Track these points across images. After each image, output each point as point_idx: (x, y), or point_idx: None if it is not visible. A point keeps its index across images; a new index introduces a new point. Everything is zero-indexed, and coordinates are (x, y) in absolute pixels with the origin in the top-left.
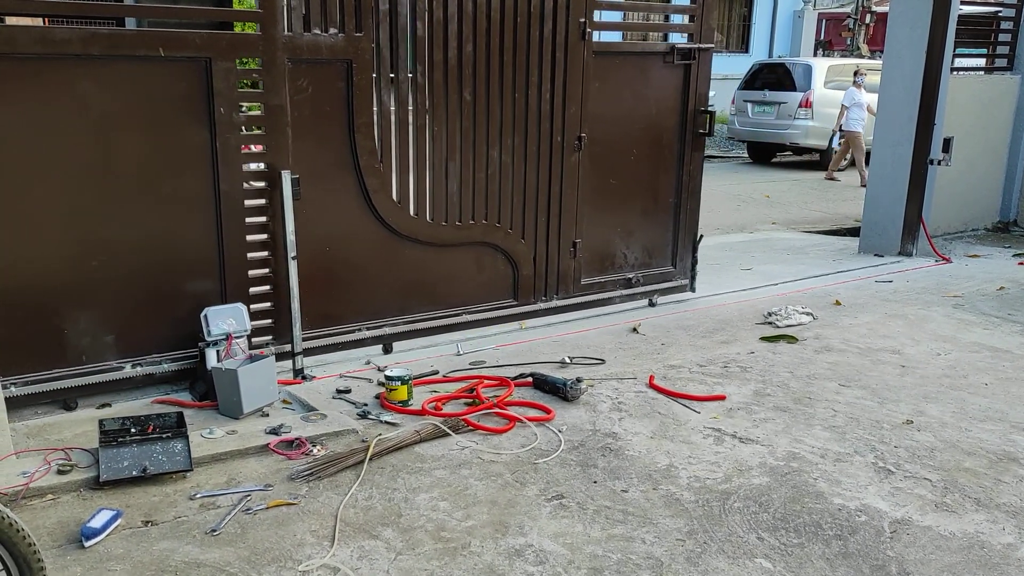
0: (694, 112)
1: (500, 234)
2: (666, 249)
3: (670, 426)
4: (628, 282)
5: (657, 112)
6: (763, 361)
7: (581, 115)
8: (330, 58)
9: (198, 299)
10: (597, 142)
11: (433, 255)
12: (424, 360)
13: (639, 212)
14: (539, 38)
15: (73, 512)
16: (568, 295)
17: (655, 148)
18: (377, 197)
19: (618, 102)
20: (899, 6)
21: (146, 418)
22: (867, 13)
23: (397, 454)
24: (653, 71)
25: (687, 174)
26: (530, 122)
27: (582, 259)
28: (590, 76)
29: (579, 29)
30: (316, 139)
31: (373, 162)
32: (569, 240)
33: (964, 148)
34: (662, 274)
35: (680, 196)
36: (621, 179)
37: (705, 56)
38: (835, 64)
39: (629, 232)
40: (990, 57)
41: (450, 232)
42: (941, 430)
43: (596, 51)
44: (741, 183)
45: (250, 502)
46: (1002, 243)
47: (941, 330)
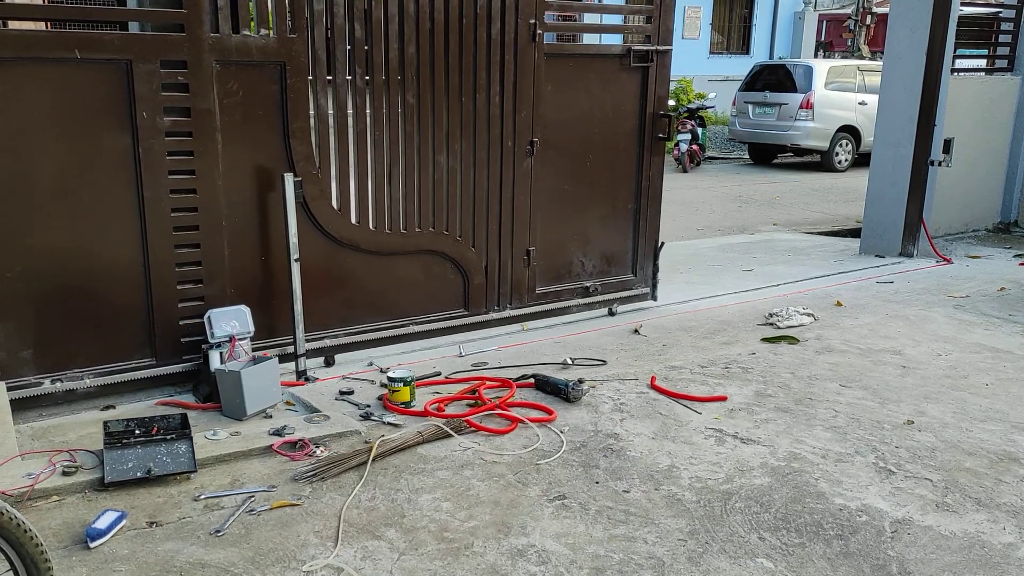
0: (653, 116)
1: (448, 242)
2: (626, 257)
3: (672, 427)
4: (586, 291)
5: (614, 116)
6: (764, 362)
7: (533, 119)
8: (262, 60)
9: (122, 311)
10: (551, 146)
11: (377, 264)
12: (426, 361)
13: (597, 219)
14: (487, 40)
15: (78, 513)
16: (522, 304)
17: (612, 153)
18: (315, 204)
19: (573, 105)
20: (899, 7)
21: (150, 420)
22: (868, 14)
23: (400, 455)
24: (609, 74)
25: (647, 179)
26: (479, 126)
27: (536, 267)
28: (542, 79)
29: (529, 30)
30: (248, 145)
31: (310, 168)
32: (522, 248)
33: (965, 149)
34: (622, 282)
35: (640, 202)
36: (577, 185)
37: (663, 58)
38: (836, 65)
39: (586, 239)
40: (990, 58)
41: (395, 240)
42: (942, 430)
43: (548, 53)
44: (742, 184)
45: (254, 503)
46: (1003, 244)
47: (942, 331)
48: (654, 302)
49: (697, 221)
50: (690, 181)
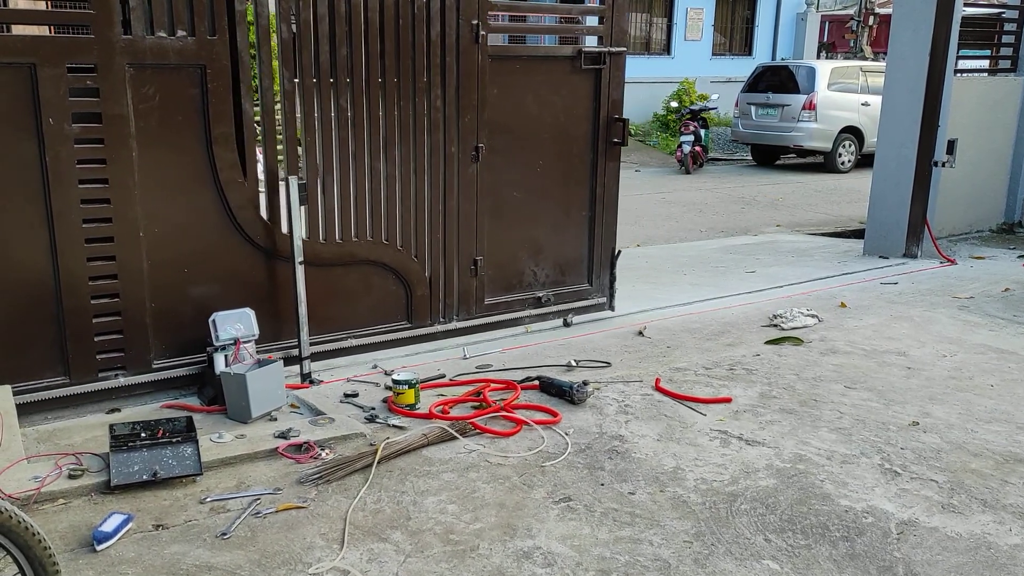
0: (607, 120)
1: (389, 252)
2: (581, 266)
3: (676, 428)
4: (538, 301)
5: (566, 120)
6: (769, 363)
7: (478, 123)
8: (180, 63)
9: (31, 328)
10: (498, 152)
11: (311, 275)
12: (431, 364)
13: (549, 227)
14: (426, 41)
15: (84, 516)
16: (470, 316)
17: (564, 159)
18: (242, 214)
19: (521, 109)
20: (902, 8)
21: (156, 423)
22: (870, 15)
23: (405, 457)
24: (559, 76)
25: (601, 186)
26: (419, 132)
27: (485, 277)
28: (487, 82)
29: (472, 32)
30: (167, 152)
31: (236, 176)
32: (469, 258)
33: (968, 150)
34: (577, 292)
35: (594, 209)
36: (527, 192)
37: (617, 60)
38: (839, 66)
39: (538, 248)
40: (993, 59)
41: (330, 250)
42: (947, 431)
43: (493, 55)
44: (745, 186)
45: (260, 506)
46: (1007, 244)
47: (947, 332)
48: (611, 312)
49: (700, 223)
50: (693, 183)
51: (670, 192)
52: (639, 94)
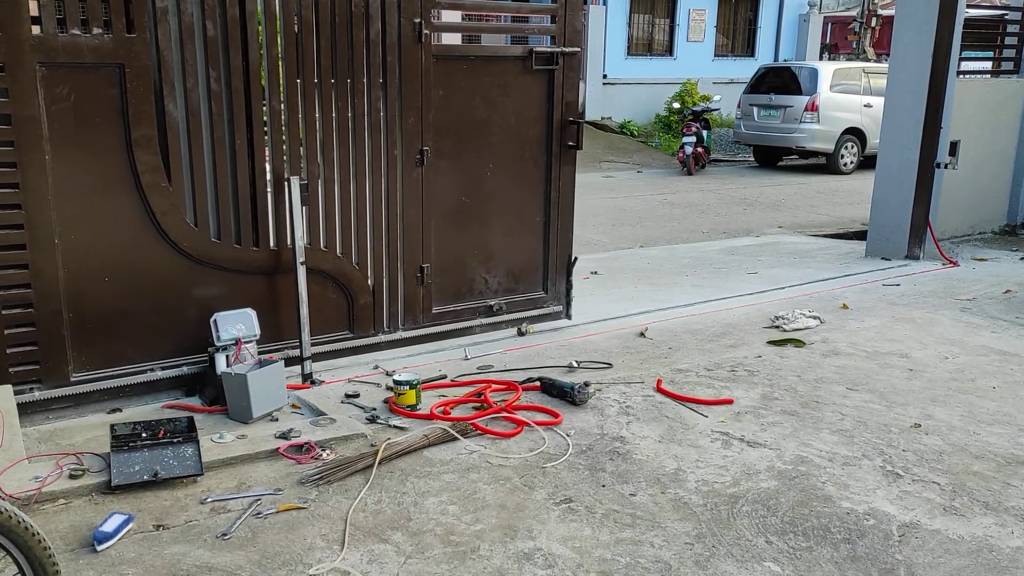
0: (562, 123)
1: (328, 259)
2: (535, 273)
3: (678, 430)
4: (490, 310)
5: (517, 123)
6: (770, 365)
7: (423, 126)
8: (96, 62)
9: None
10: (445, 156)
11: (243, 284)
12: (432, 364)
13: (501, 233)
14: (365, 40)
15: (85, 516)
16: (417, 325)
17: (517, 162)
18: (167, 219)
19: (469, 112)
20: (905, 10)
21: (157, 423)
22: (873, 16)
23: (406, 458)
24: (510, 77)
25: (556, 190)
26: (358, 134)
27: (432, 286)
28: (432, 83)
29: (414, 30)
30: (85, 155)
31: (159, 180)
32: (415, 265)
33: (971, 151)
34: (531, 300)
35: (549, 215)
36: (477, 197)
37: (571, 61)
38: (841, 68)
39: (489, 255)
40: (996, 60)
41: (263, 257)
42: (949, 434)
43: (438, 55)
44: (747, 187)
45: (260, 506)
46: (1009, 246)
47: (949, 333)
48: (568, 320)
49: (702, 224)
50: (695, 183)
51: (672, 193)
52: (641, 95)
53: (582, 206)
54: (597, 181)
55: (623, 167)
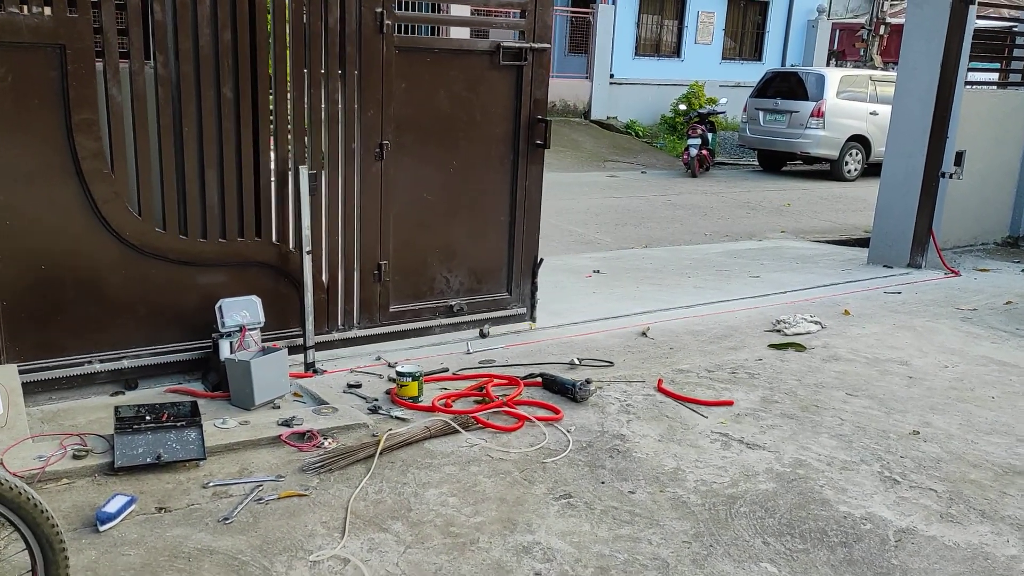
0: (529, 120)
1: (279, 253)
2: (499, 274)
3: (678, 430)
4: (450, 310)
5: (483, 119)
6: (771, 368)
7: (383, 119)
8: (34, 41)
9: None
10: (406, 151)
11: (191, 276)
12: (434, 357)
13: (464, 232)
14: (323, 28)
15: (88, 497)
16: (373, 324)
17: (482, 160)
18: (108, 208)
19: (432, 106)
20: (915, 18)
21: (161, 406)
22: (881, 24)
23: (407, 449)
24: (477, 72)
25: (523, 190)
26: (314, 126)
27: (390, 283)
28: (393, 75)
29: (376, 20)
30: (21, 138)
31: (101, 167)
32: (372, 262)
33: (976, 162)
34: (494, 301)
35: (515, 214)
36: (439, 194)
37: (540, 57)
38: (848, 74)
39: (451, 254)
40: (1004, 72)
41: (212, 249)
42: (947, 442)
43: (400, 47)
44: (751, 191)
45: (262, 492)
46: (1012, 258)
47: (949, 342)
48: (532, 323)
49: (705, 226)
50: (699, 186)
51: (676, 195)
52: (648, 95)
53: (586, 205)
54: (601, 180)
55: (627, 167)
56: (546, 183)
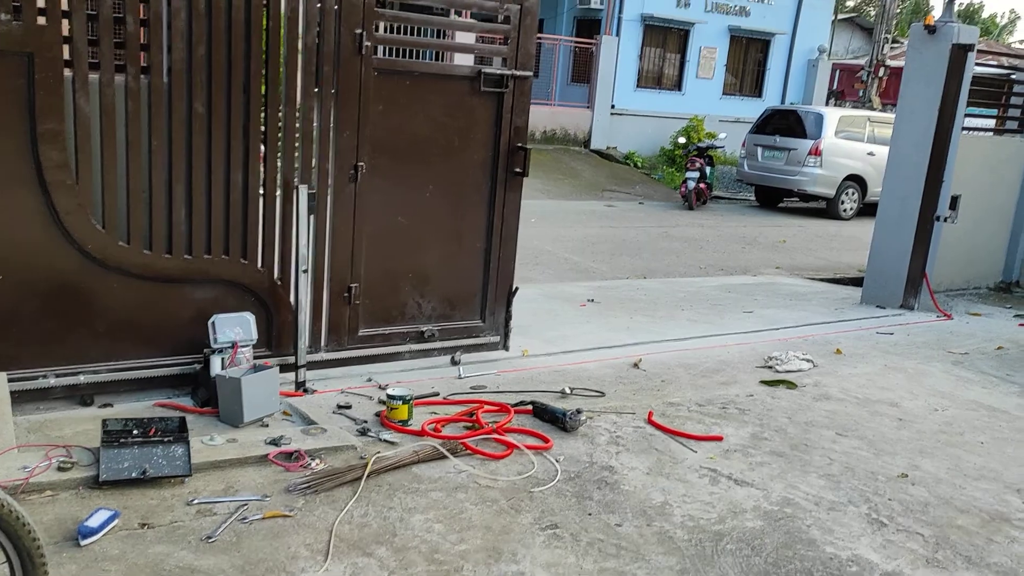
0: (509, 148)
1: (248, 272)
2: (473, 301)
3: (666, 463)
4: (421, 336)
5: (461, 144)
6: (762, 405)
7: (358, 141)
8: (2, 49)
9: None
10: (381, 173)
11: (154, 292)
12: (424, 381)
13: (438, 257)
14: (301, 47)
15: (71, 510)
16: (341, 347)
17: (459, 186)
18: (71, 220)
19: (410, 129)
20: (915, 63)
21: (148, 421)
22: (881, 66)
23: (395, 473)
24: (457, 98)
25: (500, 217)
26: (288, 144)
27: (361, 307)
28: (371, 97)
29: (355, 41)
30: None
31: (65, 178)
32: (343, 284)
33: (971, 207)
34: (467, 329)
35: (491, 241)
36: (413, 218)
37: (522, 85)
38: (846, 115)
39: (424, 279)
40: (1000, 119)
41: (177, 265)
42: (935, 486)
43: (379, 69)
44: (747, 226)
45: (246, 511)
46: (1004, 303)
47: (940, 386)
48: (505, 352)
49: (701, 259)
50: (696, 219)
51: (673, 227)
52: (648, 127)
53: (583, 233)
54: (599, 209)
55: (625, 197)
56: (544, 210)
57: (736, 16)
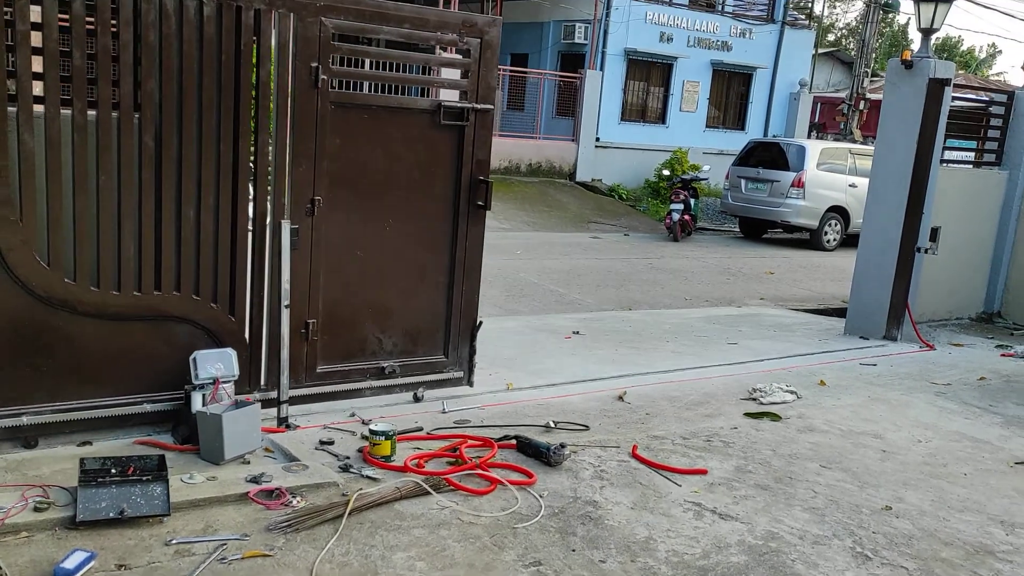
0: (471, 181)
1: (200, 308)
2: (436, 336)
3: (651, 498)
4: (382, 372)
5: (422, 178)
6: (746, 437)
7: (315, 175)
8: None
9: None
10: (340, 208)
11: (101, 330)
12: (408, 416)
13: (399, 292)
14: (255, 81)
15: (47, 551)
16: (299, 384)
17: (420, 219)
18: (14, 256)
19: (368, 163)
20: (893, 97)
21: (127, 459)
22: (861, 99)
23: (377, 510)
24: (416, 131)
25: (463, 250)
26: (241, 179)
27: (319, 343)
28: (328, 131)
29: (310, 74)
30: None
31: (8, 214)
32: (300, 320)
33: (951, 238)
34: (430, 364)
35: (453, 275)
36: (373, 253)
37: (483, 118)
38: (828, 147)
39: (386, 314)
40: (979, 151)
41: (126, 302)
42: (919, 518)
43: (336, 102)
44: (731, 257)
45: (226, 551)
46: (985, 333)
47: (923, 417)
48: (470, 388)
49: (686, 290)
50: (680, 250)
51: (658, 258)
52: (632, 160)
53: (569, 265)
54: (585, 241)
55: (610, 229)
56: (529, 242)
57: (718, 51)
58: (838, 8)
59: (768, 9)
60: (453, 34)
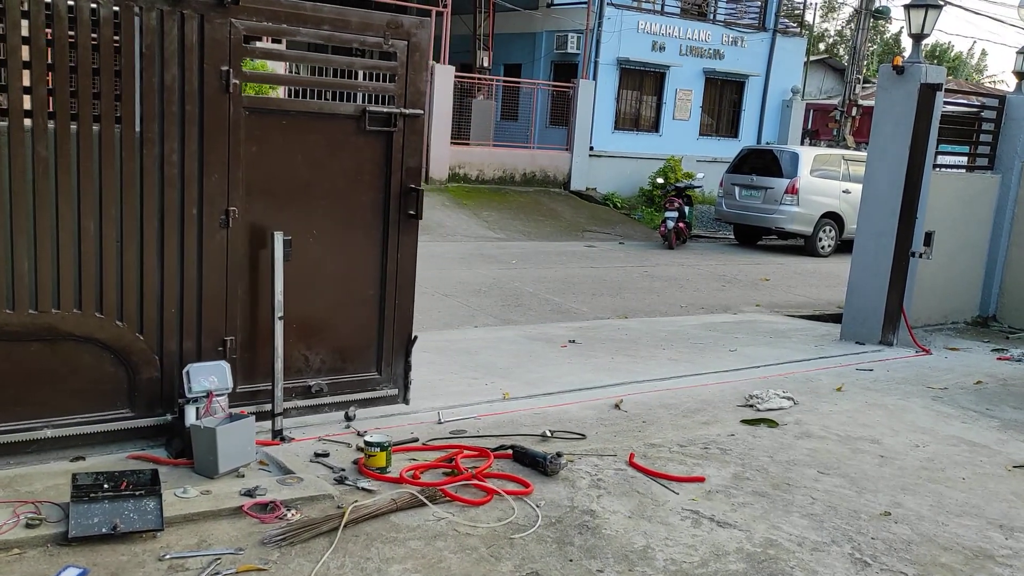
0: (401, 190)
1: (105, 327)
2: (368, 352)
3: (648, 506)
4: (308, 391)
5: (348, 187)
6: (743, 444)
7: (229, 184)
8: None
9: None
10: (258, 218)
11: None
12: (404, 426)
13: (325, 307)
14: (158, 86)
15: (38, 568)
16: None
17: (346, 230)
18: None
19: (288, 172)
20: (885, 103)
21: (120, 474)
22: (853, 106)
23: (372, 522)
24: (340, 137)
25: (394, 262)
26: (147, 189)
27: (238, 361)
28: (242, 138)
29: (221, 79)
30: None
31: None
32: (216, 337)
33: (945, 243)
34: (360, 382)
35: (385, 289)
36: (296, 266)
37: (413, 124)
38: (821, 153)
39: (310, 331)
40: (972, 156)
41: (20, 321)
42: (918, 523)
43: (250, 108)
44: (726, 264)
45: (219, 566)
46: (981, 337)
47: (920, 422)
48: (405, 406)
49: (681, 298)
50: (675, 258)
51: (653, 266)
52: (626, 168)
53: (564, 274)
54: (580, 250)
55: (605, 238)
56: (524, 252)
57: (711, 59)
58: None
59: (760, 17)
60: (378, 36)
